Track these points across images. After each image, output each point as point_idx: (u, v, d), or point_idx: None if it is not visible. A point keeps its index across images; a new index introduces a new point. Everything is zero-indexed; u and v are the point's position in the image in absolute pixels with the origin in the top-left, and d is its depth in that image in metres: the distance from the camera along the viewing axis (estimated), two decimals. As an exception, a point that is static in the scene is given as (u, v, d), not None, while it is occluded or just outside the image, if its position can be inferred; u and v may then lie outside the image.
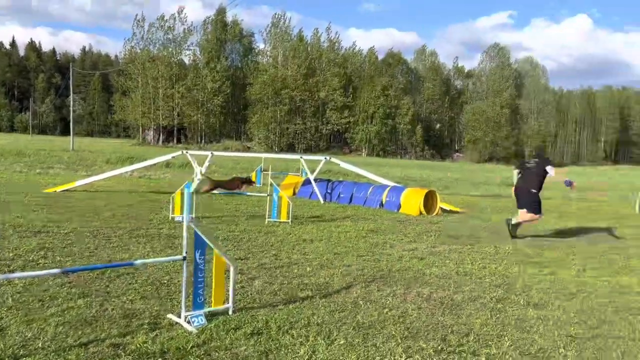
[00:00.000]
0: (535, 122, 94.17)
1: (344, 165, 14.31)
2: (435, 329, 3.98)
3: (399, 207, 11.51)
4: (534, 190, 8.50)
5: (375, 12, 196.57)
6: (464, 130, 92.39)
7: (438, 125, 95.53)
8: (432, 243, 7.74)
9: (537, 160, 8.78)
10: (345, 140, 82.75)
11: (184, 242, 3.85)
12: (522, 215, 8.63)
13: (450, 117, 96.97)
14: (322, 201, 12.42)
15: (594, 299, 5.05)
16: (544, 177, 8.50)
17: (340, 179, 17.75)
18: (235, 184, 9.88)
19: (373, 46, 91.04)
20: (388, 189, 12.27)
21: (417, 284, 5.30)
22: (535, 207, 8.51)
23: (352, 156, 70.92)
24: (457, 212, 12.03)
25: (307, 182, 13.62)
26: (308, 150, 73.06)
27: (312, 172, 13.74)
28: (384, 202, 11.92)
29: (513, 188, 9.02)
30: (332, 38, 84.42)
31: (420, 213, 11.11)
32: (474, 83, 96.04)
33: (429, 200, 11.62)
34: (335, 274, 5.50)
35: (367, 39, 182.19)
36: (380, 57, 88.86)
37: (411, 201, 11.38)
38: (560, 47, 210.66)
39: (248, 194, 10.56)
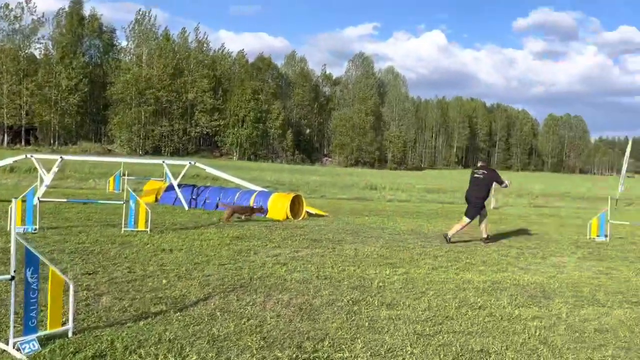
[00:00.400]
0: (396, 128, 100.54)
1: (210, 170, 13.97)
2: (292, 337, 3.97)
3: (266, 212, 11.50)
4: (480, 199, 9.42)
5: (247, 15, 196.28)
6: (332, 136, 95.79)
7: (308, 130, 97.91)
8: (296, 248, 7.81)
9: (484, 172, 9.57)
10: (216, 143, 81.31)
11: (12, 259, 3.42)
12: (465, 220, 9.39)
13: (319, 123, 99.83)
14: (186, 207, 11.98)
15: (440, 296, 5.42)
16: (490, 188, 9.52)
17: (209, 184, 17.34)
18: (247, 210, 10.91)
19: (243, 49, 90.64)
20: (255, 194, 12.20)
21: (277, 290, 5.28)
22: (474, 212, 9.38)
23: (223, 160, 69.87)
24: (322, 216, 12.32)
25: (170, 187, 13.06)
26: (176, 153, 70.52)
27: (177, 177, 13.21)
28: (250, 208, 11.82)
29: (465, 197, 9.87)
30: (200, 38, 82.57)
31: (287, 217, 11.20)
32: (341, 90, 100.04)
33: (296, 205, 11.76)
34: (193, 285, 5.28)
35: (237, 41, 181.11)
36: (251, 60, 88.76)
37: (278, 206, 11.42)
38: (418, 59, 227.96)
39: (101, 202, 9.82)
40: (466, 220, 9.38)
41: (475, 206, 9.39)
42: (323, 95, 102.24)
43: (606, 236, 10.94)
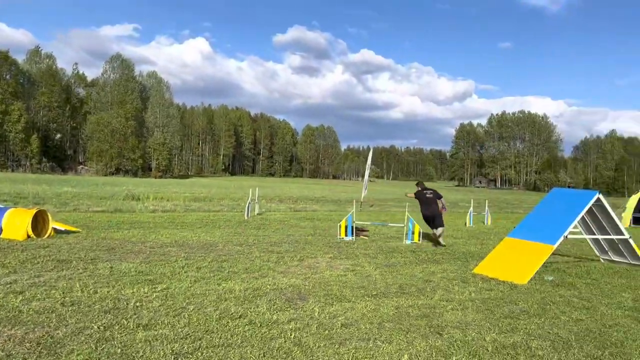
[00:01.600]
0: (161, 135, 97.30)
1: None
2: (24, 380, 3.39)
3: (0, 231, 9.82)
4: (437, 211, 11.85)
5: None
6: (89, 142, 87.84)
7: (59, 136, 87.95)
8: (37, 271, 6.80)
9: (431, 192, 12.11)
10: None
11: None
12: (439, 231, 11.65)
13: (72, 127, 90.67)
14: None
15: (201, 309, 5.30)
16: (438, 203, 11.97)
17: None
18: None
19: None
20: (-15, 210, 10.31)
21: (9, 325, 4.48)
22: (442, 220, 11.82)
23: (-56, 169, 57.96)
24: (74, 232, 11.08)
25: None
26: None
27: None
28: (-21, 227, 9.95)
29: (423, 215, 12.07)
30: None
31: (29, 237, 9.75)
32: (97, 93, 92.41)
33: (40, 222, 10.32)
34: None
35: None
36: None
37: (16, 223, 9.85)
38: (183, 65, 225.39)
39: None
40: (442, 228, 11.74)
41: (438, 216, 11.78)
42: (76, 97, 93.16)
43: (353, 235, 12.28)
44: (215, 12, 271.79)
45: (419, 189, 12.30)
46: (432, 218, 11.81)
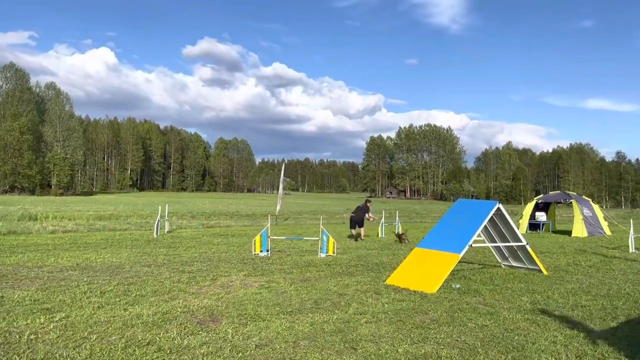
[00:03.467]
0: (61, 149, 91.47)
1: None
2: None
3: None
4: (362, 218, 16.82)
5: None
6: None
7: (-58, 151, 79.94)
8: None
9: (361, 205, 17.15)
10: None
11: None
12: (357, 230, 16.79)
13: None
14: None
15: (105, 338, 4.95)
16: (364, 214, 16.87)
17: None
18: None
19: None
20: None
21: None
22: (363, 225, 16.82)
23: None
24: (-42, 259, 10.03)
25: None
26: None
27: None
28: None
29: (350, 218, 17.47)
30: None
31: None
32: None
33: None
34: None
35: None
36: None
37: None
38: (85, 76, 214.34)
39: None
40: (362, 229, 16.80)
41: (359, 221, 16.77)
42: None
43: (268, 251, 12.15)
44: (120, 21, 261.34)
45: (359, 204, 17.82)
46: (355, 222, 16.95)
